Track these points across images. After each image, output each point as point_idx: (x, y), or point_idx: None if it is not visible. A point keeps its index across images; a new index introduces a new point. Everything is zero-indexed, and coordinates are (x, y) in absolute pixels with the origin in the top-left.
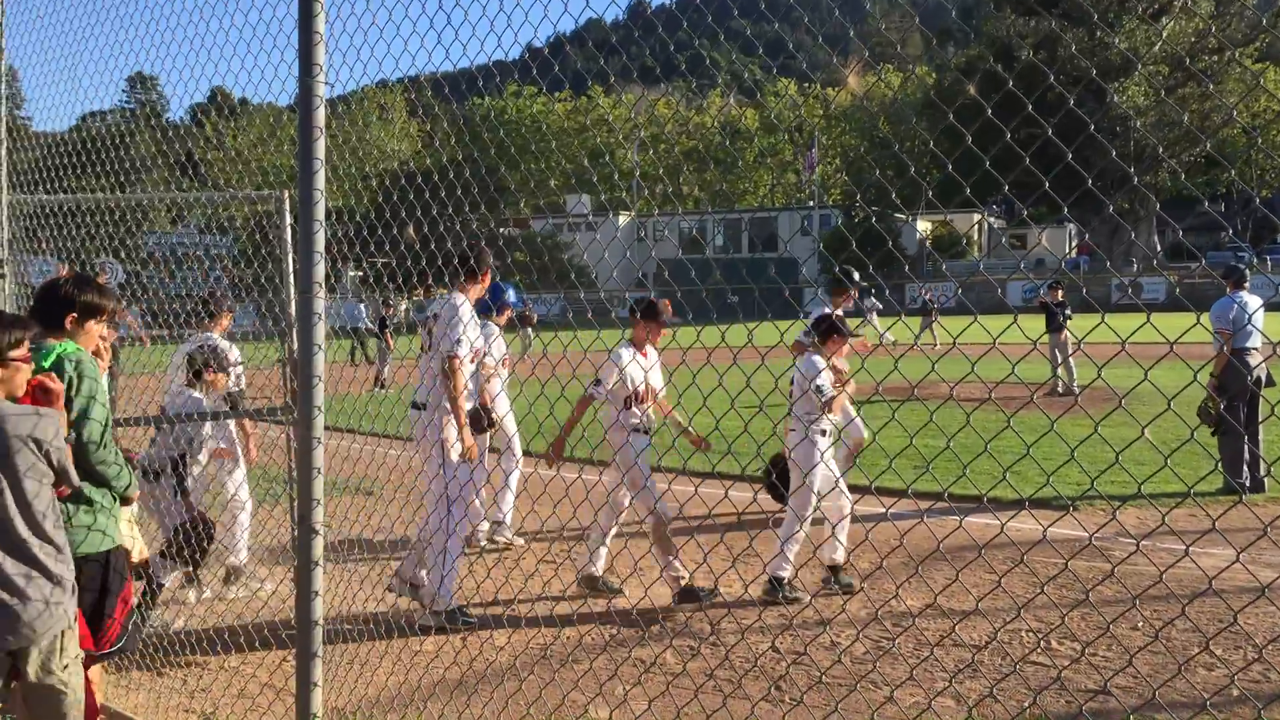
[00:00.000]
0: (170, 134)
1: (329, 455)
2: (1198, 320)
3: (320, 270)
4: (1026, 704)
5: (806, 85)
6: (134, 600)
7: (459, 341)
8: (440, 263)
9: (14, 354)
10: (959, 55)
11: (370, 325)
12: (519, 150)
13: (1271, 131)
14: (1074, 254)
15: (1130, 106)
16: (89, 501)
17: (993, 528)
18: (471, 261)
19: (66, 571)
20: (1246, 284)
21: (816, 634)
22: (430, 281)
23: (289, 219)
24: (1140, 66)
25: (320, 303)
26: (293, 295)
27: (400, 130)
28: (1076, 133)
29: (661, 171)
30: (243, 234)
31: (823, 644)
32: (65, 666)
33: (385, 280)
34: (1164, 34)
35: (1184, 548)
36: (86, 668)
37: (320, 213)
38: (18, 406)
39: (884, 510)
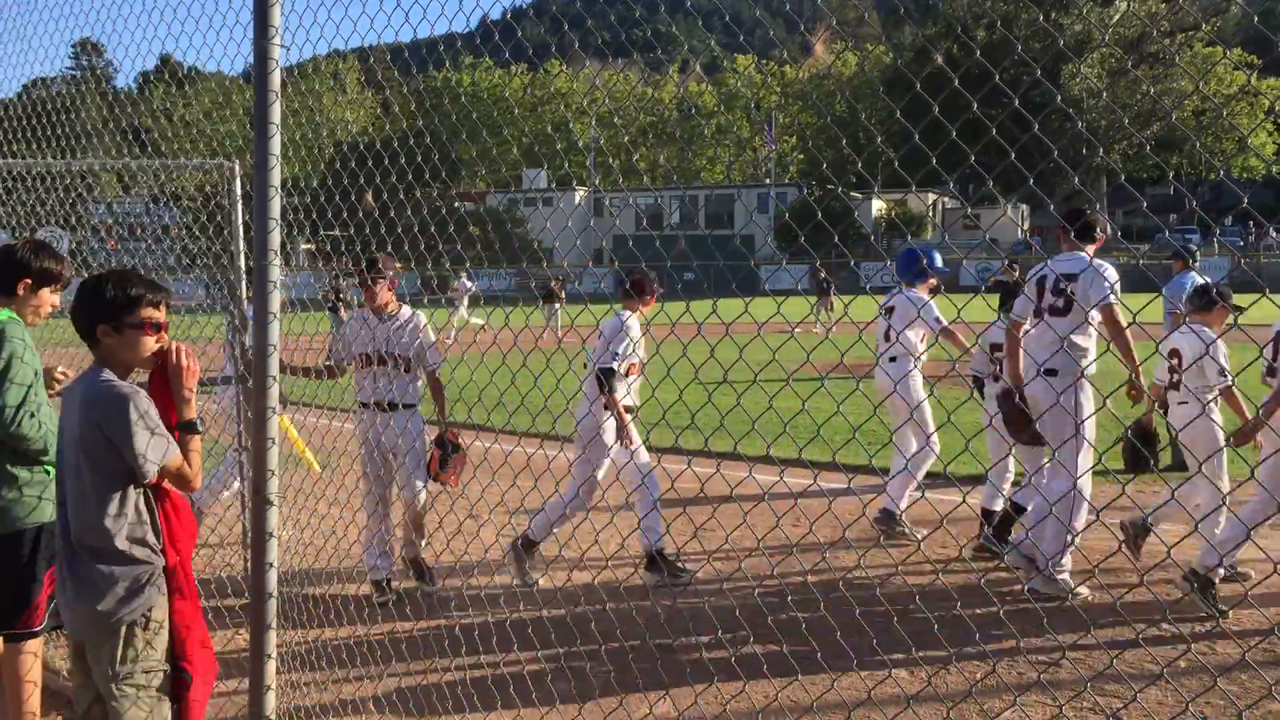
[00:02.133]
0: (118, 101)
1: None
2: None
3: (276, 237)
4: (980, 675)
5: (764, 62)
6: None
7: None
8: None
9: None
10: (916, 35)
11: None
12: (476, 123)
13: (1223, 115)
14: (1027, 234)
15: (1083, 89)
16: (10, 476)
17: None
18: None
19: None
20: (1195, 265)
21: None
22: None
23: (241, 187)
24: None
25: (276, 271)
26: (243, 265)
27: (355, 100)
28: (1032, 114)
29: (626, 140)
30: (195, 203)
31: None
32: None
33: (340, 252)
34: (1116, 17)
35: (1142, 517)
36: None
37: (276, 178)
38: None
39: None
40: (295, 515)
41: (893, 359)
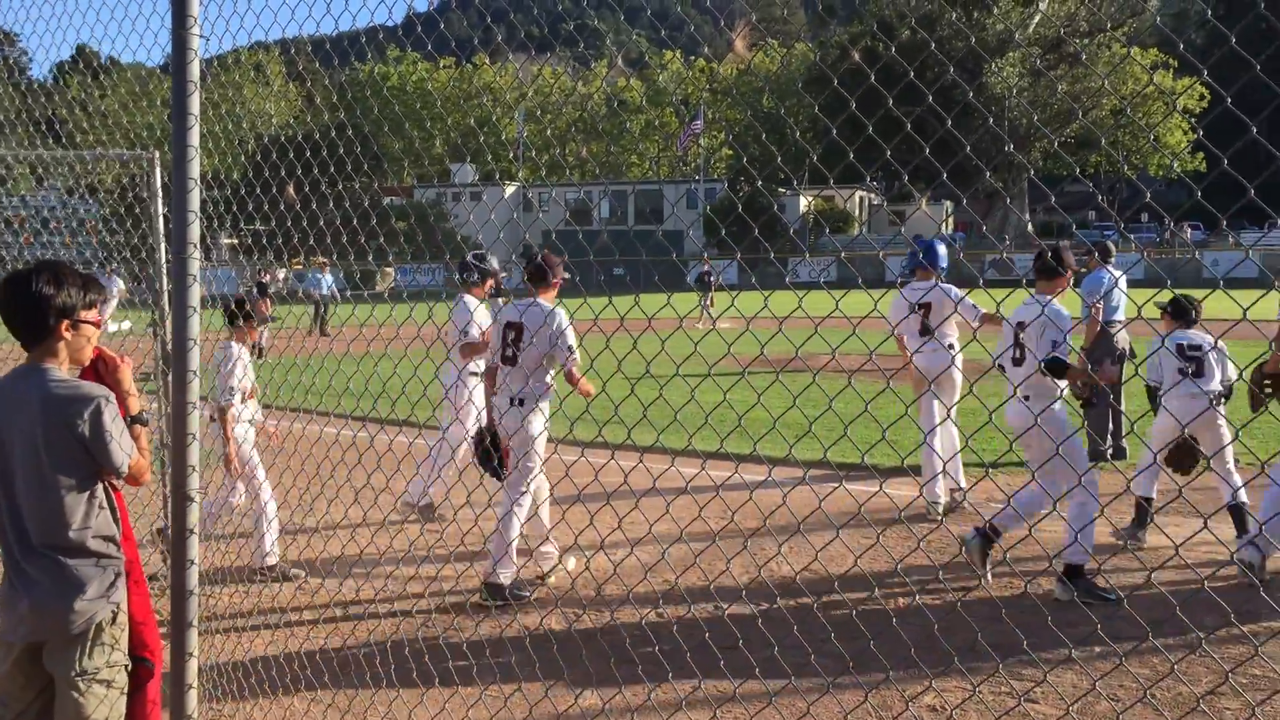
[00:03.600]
0: (31, 92)
1: (205, 425)
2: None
3: (195, 230)
4: (900, 661)
5: (691, 58)
6: None
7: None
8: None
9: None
10: (841, 32)
11: (321, 293)
12: (402, 117)
13: (1138, 114)
14: (950, 229)
15: (1004, 87)
16: None
17: (874, 492)
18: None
19: None
20: (1112, 259)
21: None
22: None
23: (160, 179)
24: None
25: (195, 264)
26: (163, 259)
27: (278, 92)
28: (959, 112)
29: (550, 134)
30: (113, 195)
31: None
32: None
33: (263, 246)
34: (1037, 16)
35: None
36: None
37: (195, 170)
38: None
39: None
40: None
41: (936, 350)
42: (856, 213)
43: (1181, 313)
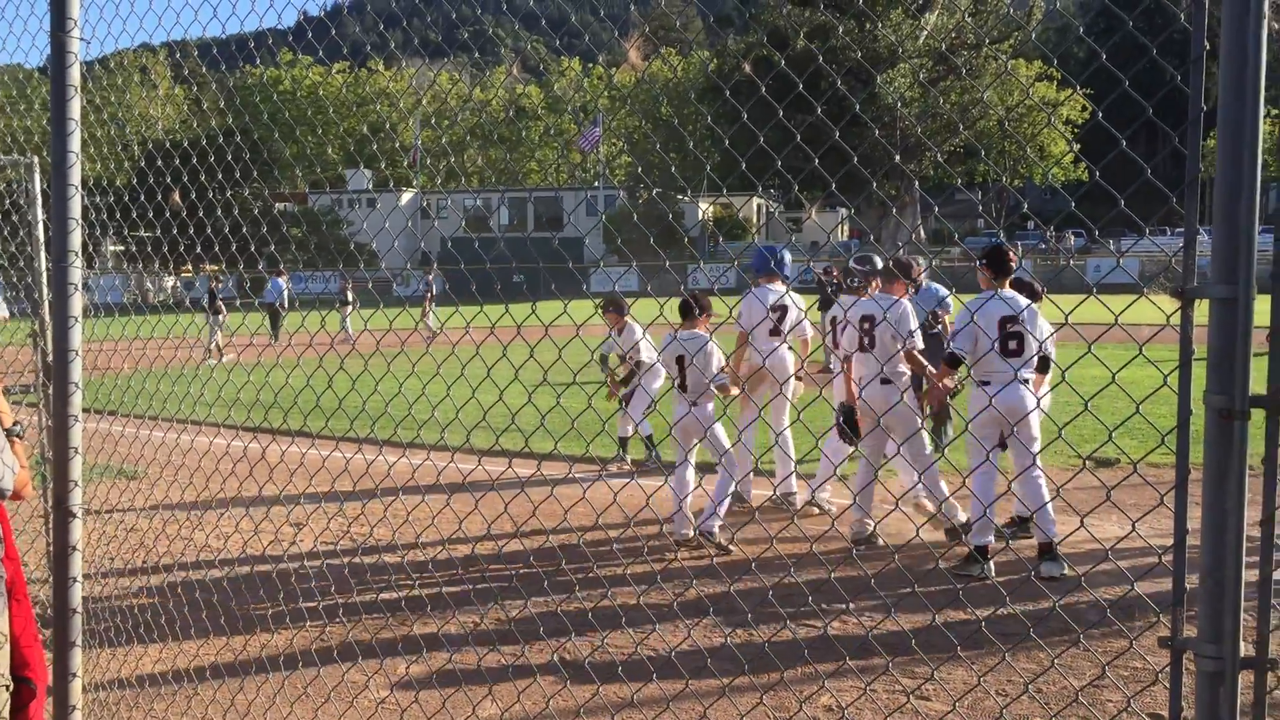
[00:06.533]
0: None
1: (88, 436)
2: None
3: (77, 238)
4: (796, 662)
5: (590, 65)
6: None
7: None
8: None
9: None
10: (737, 41)
11: (276, 300)
12: (295, 121)
13: (1023, 124)
14: (844, 236)
15: (896, 96)
16: None
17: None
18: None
19: None
20: (919, 274)
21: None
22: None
23: (40, 185)
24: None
25: (77, 272)
26: (43, 267)
27: (165, 96)
28: (849, 121)
29: (446, 142)
30: None
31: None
32: None
33: (148, 254)
34: (927, 28)
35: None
36: None
37: (76, 177)
38: None
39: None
40: (102, 528)
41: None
42: (754, 220)
43: (1000, 263)
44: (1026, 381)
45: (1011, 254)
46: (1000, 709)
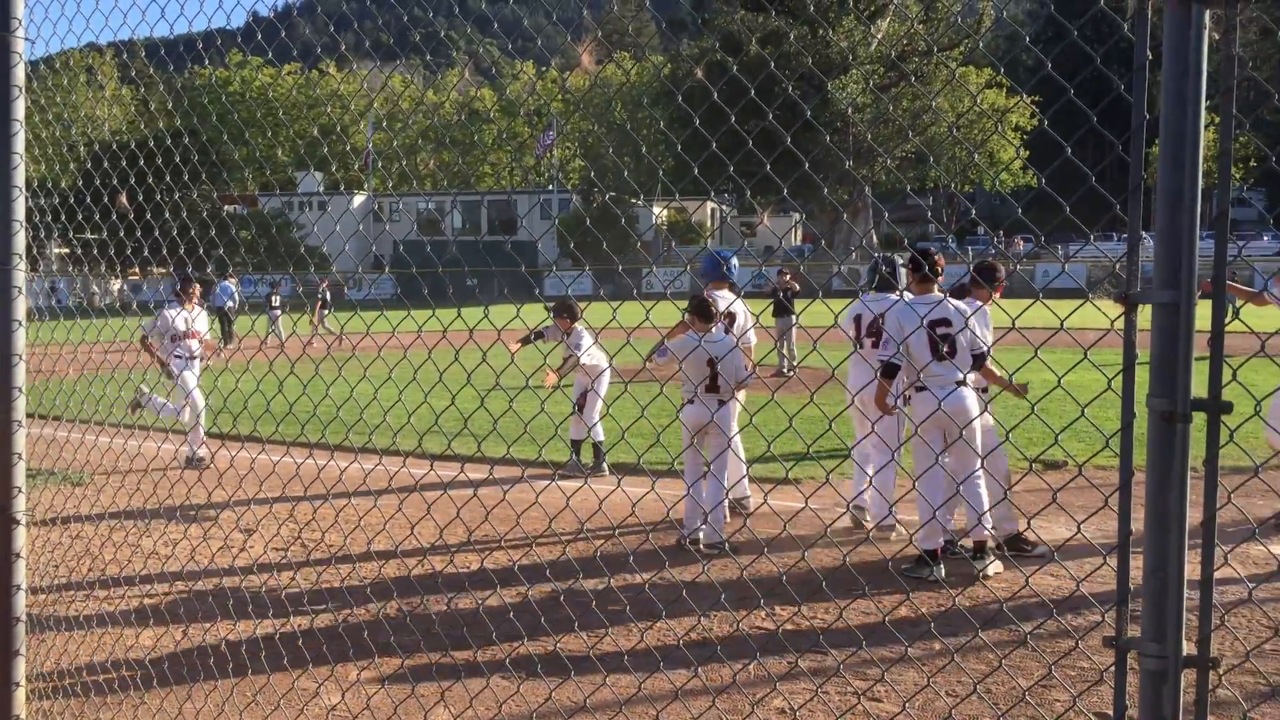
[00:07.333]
0: None
1: (32, 442)
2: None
3: (20, 241)
4: (749, 664)
5: (544, 69)
6: None
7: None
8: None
9: None
10: (691, 46)
11: (228, 304)
12: (244, 123)
13: (973, 131)
14: (798, 241)
15: (848, 102)
16: None
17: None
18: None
19: None
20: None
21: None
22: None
23: None
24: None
25: (20, 275)
26: None
27: (111, 97)
28: (801, 126)
29: (396, 145)
30: None
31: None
32: None
33: (95, 257)
34: (878, 35)
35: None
36: None
37: (20, 178)
38: None
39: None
40: (47, 534)
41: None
42: (708, 224)
43: (925, 267)
44: (964, 383)
45: (939, 258)
46: (949, 709)
